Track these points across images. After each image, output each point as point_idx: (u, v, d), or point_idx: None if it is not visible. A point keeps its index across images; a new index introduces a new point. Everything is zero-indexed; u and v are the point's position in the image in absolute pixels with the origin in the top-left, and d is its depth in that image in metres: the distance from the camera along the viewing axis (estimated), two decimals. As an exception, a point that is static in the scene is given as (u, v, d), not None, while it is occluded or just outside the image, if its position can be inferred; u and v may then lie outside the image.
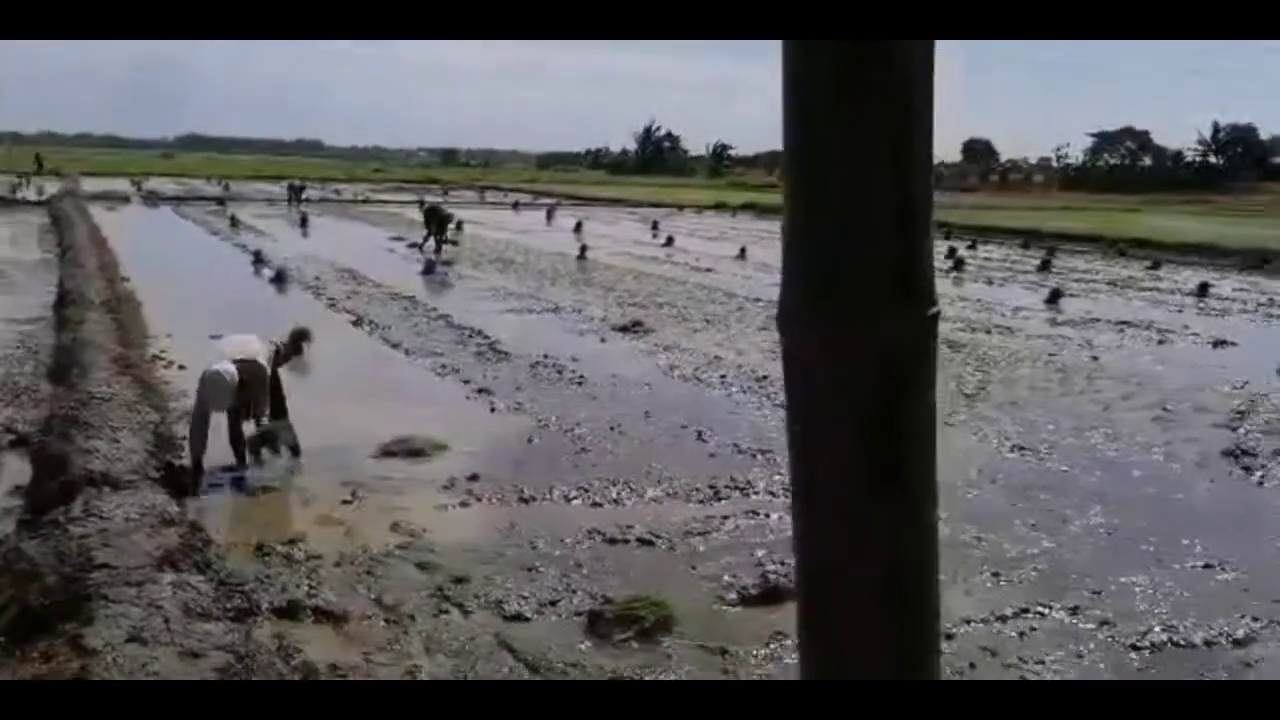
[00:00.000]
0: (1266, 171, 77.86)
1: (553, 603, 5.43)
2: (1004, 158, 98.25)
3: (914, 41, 1.55)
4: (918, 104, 1.58)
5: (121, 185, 46.70)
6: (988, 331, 14.37)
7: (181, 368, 10.24)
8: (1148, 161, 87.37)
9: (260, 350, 7.60)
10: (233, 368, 7.24)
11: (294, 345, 8.31)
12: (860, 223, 1.57)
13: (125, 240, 22.42)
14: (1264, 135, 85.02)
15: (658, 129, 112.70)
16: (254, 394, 7.44)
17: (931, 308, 1.63)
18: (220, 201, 39.89)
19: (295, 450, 7.70)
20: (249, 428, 7.57)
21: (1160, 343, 14.03)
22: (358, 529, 6.35)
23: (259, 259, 20.13)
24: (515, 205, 44.90)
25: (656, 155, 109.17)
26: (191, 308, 13.81)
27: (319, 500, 6.91)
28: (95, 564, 5.05)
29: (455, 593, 5.45)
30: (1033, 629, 5.31)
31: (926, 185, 1.61)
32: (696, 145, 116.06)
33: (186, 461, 7.27)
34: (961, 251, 25.82)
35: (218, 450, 7.44)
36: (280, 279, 17.52)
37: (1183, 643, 5.21)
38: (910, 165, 1.57)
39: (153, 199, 41.36)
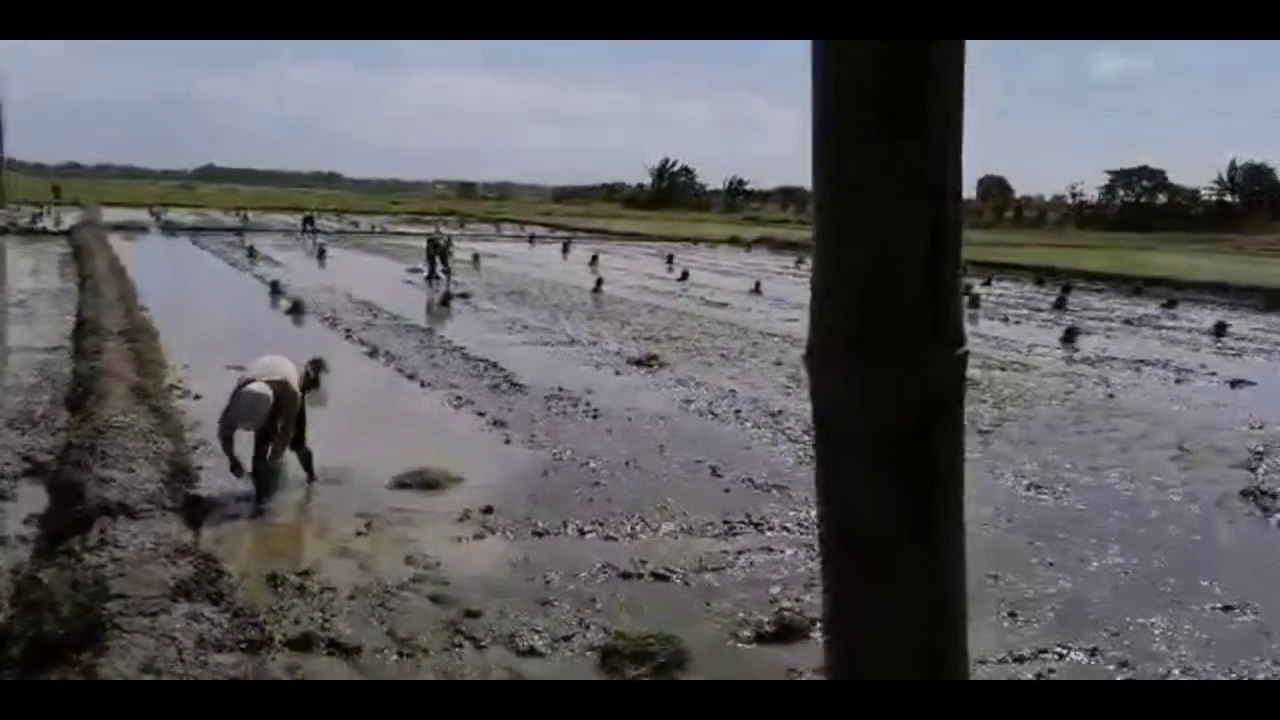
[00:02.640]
0: (1283, 211, 77.71)
1: (566, 638, 5.40)
2: (1018, 194, 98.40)
3: (946, 82, 1.56)
4: (950, 142, 1.59)
5: (140, 216, 47.22)
6: (1003, 369, 14.31)
7: (198, 397, 10.30)
8: (1163, 199, 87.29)
9: (292, 373, 7.66)
10: (268, 389, 7.32)
11: (311, 375, 8.36)
12: (890, 263, 1.57)
13: (143, 270, 22.64)
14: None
15: (673, 164, 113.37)
16: (285, 417, 7.49)
17: (960, 348, 1.63)
18: (238, 232, 40.30)
19: (310, 474, 7.74)
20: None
21: (1177, 382, 13.95)
22: (372, 561, 6.35)
23: (276, 290, 20.28)
24: (531, 239, 45.18)
25: (672, 189, 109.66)
26: (208, 338, 13.91)
27: (333, 531, 6.92)
28: (110, 593, 5.05)
29: (468, 626, 5.43)
30: (1050, 670, 5.24)
31: (957, 227, 1.62)
32: (712, 180, 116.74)
33: (204, 492, 7.31)
34: (977, 288, 25.78)
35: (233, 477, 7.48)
36: (297, 310, 17.64)
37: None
38: (941, 206, 1.58)
39: (171, 229, 41.78)
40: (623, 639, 5.27)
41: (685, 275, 27.96)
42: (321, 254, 30.62)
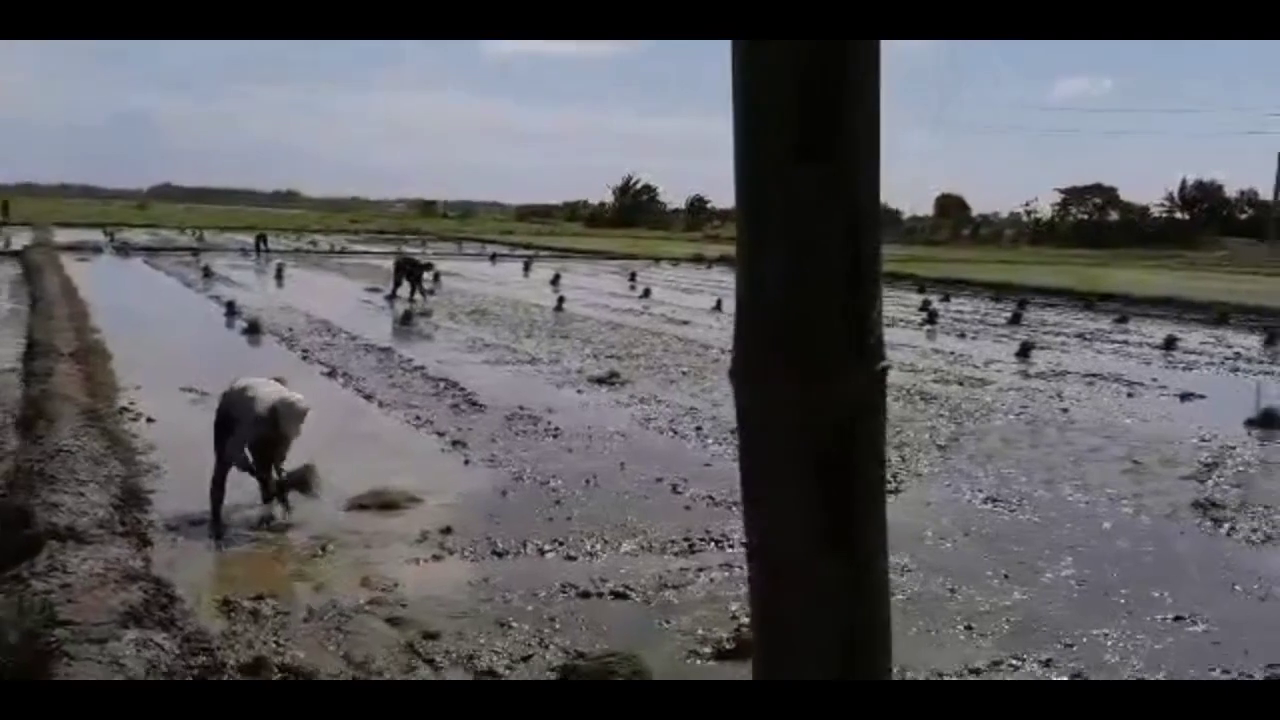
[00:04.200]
0: (1231, 227, 79.45)
1: (525, 658, 5.37)
2: (975, 212, 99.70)
3: (863, 100, 1.58)
4: (866, 165, 1.61)
5: (94, 236, 46.49)
6: (960, 383, 14.49)
7: (150, 420, 10.17)
8: (1115, 217, 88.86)
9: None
10: (302, 397, 7.51)
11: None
12: (811, 279, 1.59)
13: (96, 291, 22.30)
14: (1230, 192, 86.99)
15: (635, 182, 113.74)
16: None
17: (880, 362, 1.65)
18: (194, 252, 39.81)
19: (269, 498, 7.65)
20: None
21: (1129, 395, 14.19)
22: (327, 584, 6.28)
23: (232, 310, 20.06)
24: (493, 257, 45.04)
25: (634, 208, 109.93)
26: (162, 360, 13.73)
27: (288, 555, 6.84)
28: (57, 620, 4.97)
29: (426, 648, 5.38)
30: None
31: (875, 242, 1.64)
32: (674, 198, 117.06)
33: (156, 517, 7.20)
34: (935, 304, 26.13)
35: (195, 499, 7.39)
36: (253, 330, 17.45)
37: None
38: (859, 223, 1.60)
39: (125, 250, 41.17)
40: (582, 658, 5.26)
41: (647, 293, 28.01)
42: (279, 273, 30.33)
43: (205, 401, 10.22)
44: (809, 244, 1.58)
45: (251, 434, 7.37)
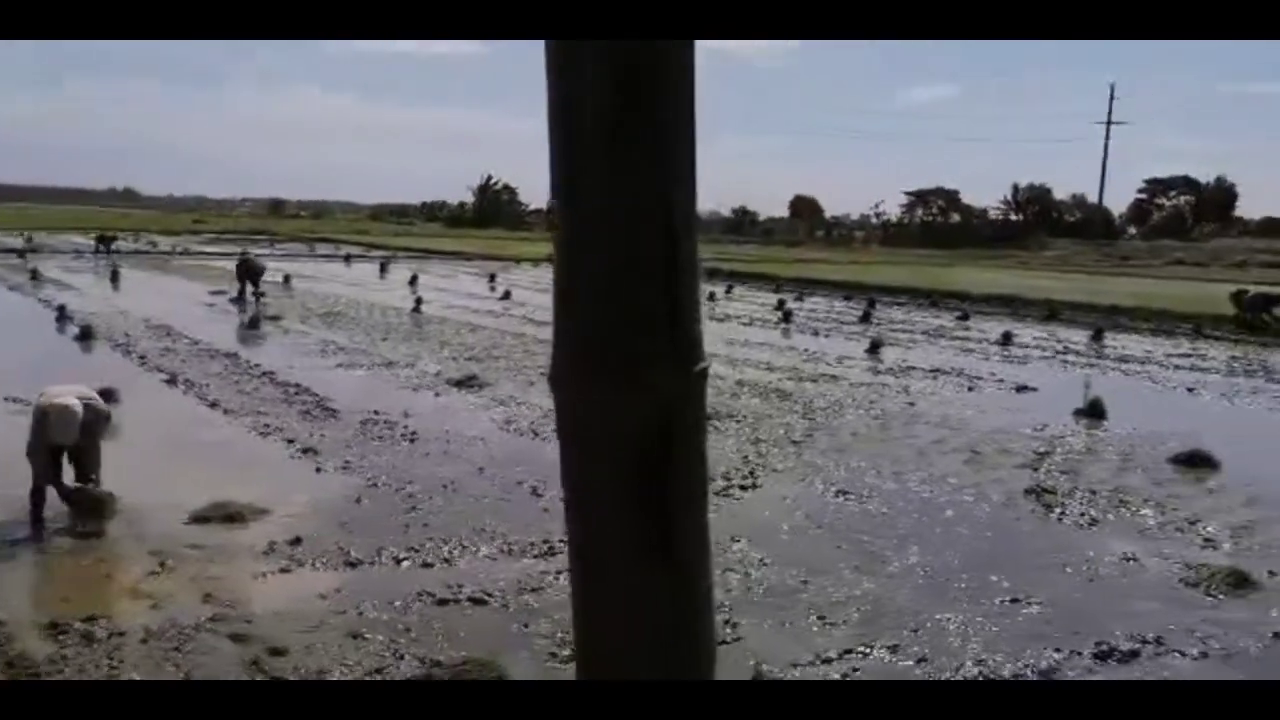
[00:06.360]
0: (1061, 228, 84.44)
1: (379, 670, 5.23)
2: (828, 214, 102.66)
3: (675, 96, 1.58)
4: (680, 165, 1.60)
5: (-94, 236, 43.04)
6: (814, 380, 14.89)
7: (-31, 433, 9.45)
8: (956, 218, 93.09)
9: (89, 394, 7.55)
10: (78, 403, 7.25)
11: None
12: (627, 280, 1.57)
13: (-92, 295, 20.63)
14: (1058, 195, 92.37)
15: (496, 182, 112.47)
16: (96, 435, 7.36)
17: (699, 364, 1.64)
18: (20, 254, 37.26)
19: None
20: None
21: (969, 389, 14.88)
22: (166, 602, 5.96)
23: (63, 315, 18.89)
24: (347, 258, 43.77)
25: (495, 208, 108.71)
26: (-17, 368, 12.79)
27: (124, 572, 6.47)
28: None
29: (272, 665, 5.17)
30: (855, 669, 5.47)
31: (691, 243, 1.63)
32: (535, 198, 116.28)
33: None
34: (789, 304, 26.82)
35: (16, 515, 6.91)
36: (86, 336, 16.47)
37: (993, 676, 5.48)
38: (675, 223, 1.59)
39: (-57, 251, 38.21)
40: (439, 667, 5.16)
41: (507, 294, 27.73)
42: (115, 276, 28.70)
43: (30, 413, 9.58)
44: (623, 241, 1.56)
45: (35, 438, 7.18)
